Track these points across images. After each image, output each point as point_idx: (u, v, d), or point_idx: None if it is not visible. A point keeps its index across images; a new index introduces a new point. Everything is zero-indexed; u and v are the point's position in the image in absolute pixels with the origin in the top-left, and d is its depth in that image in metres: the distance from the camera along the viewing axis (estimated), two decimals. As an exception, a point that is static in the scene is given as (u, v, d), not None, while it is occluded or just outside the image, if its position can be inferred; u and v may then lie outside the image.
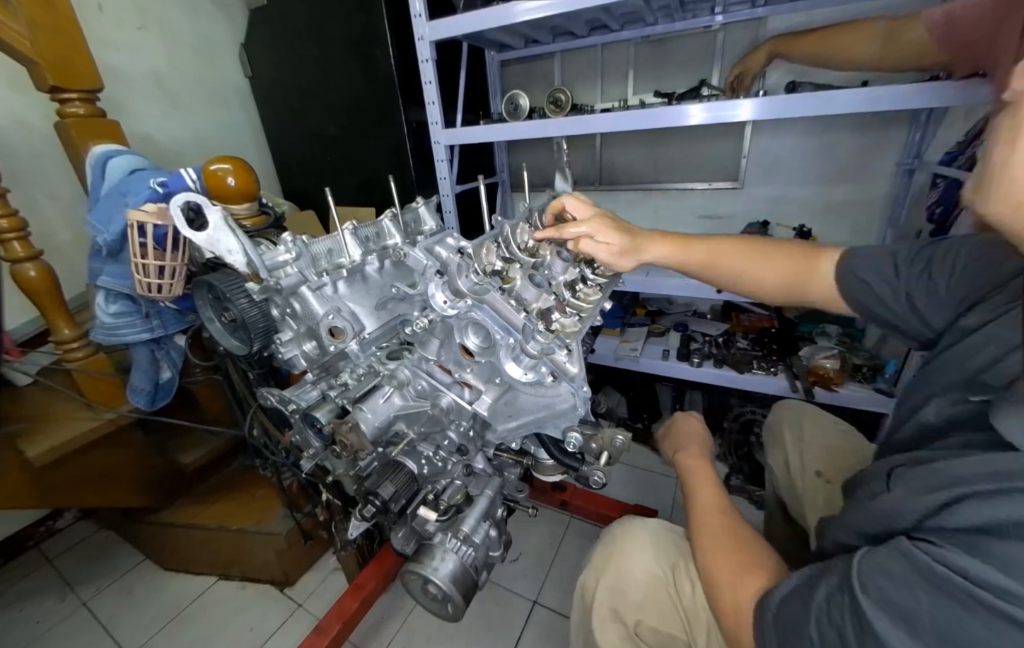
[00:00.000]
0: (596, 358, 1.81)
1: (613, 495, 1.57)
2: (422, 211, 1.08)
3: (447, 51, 1.60)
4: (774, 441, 1.00)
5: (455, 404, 0.72)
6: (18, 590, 1.55)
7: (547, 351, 0.62)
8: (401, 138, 1.76)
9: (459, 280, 0.63)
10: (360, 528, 0.79)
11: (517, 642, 1.24)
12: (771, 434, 1.02)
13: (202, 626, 1.37)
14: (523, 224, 0.78)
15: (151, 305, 1.12)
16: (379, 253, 0.92)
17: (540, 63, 2.11)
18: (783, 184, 1.82)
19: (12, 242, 1.04)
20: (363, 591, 1.24)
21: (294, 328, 0.85)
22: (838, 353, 1.55)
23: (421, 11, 1.46)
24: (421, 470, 0.81)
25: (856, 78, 1.37)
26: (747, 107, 1.24)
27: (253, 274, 0.71)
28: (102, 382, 1.20)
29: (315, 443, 0.86)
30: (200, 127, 1.97)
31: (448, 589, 0.72)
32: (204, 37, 1.95)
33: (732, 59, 1.69)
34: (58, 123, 1.08)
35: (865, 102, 1.14)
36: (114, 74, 1.44)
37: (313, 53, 1.83)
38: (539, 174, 1.91)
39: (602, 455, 0.68)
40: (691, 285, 1.51)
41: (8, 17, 0.95)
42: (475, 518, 0.76)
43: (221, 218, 0.66)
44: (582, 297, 0.75)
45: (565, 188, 0.94)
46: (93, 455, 1.20)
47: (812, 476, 0.87)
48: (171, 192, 0.94)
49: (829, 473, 0.86)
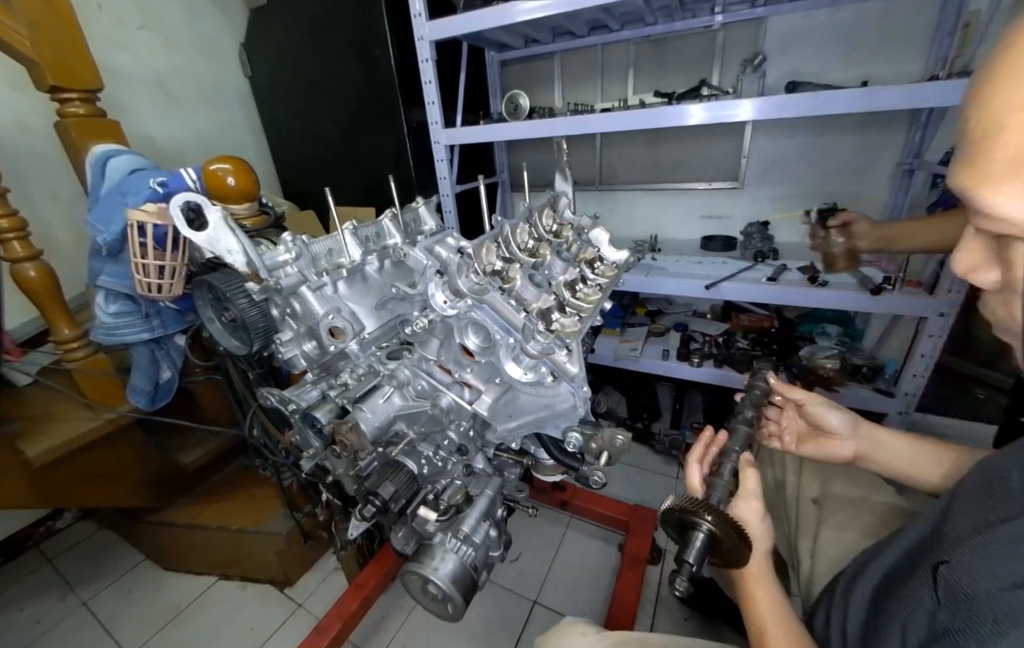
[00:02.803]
0: (596, 358, 1.82)
1: (613, 495, 1.57)
2: (422, 211, 1.08)
3: (447, 51, 1.60)
4: (766, 455, 0.93)
5: (455, 404, 0.72)
6: (18, 590, 1.55)
7: (547, 351, 0.62)
8: (401, 138, 1.76)
9: (459, 280, 0.63)
10: (360, 528, 0.79)
11: (517, 642, 1.24)
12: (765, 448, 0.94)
13: (202, 626, 1.37)
14: (523, 224, 0.78)
15: (151, 305, 1.12)
16: (379, 253, 0.92)
17: (540, 63, 2.11)
18: (783, 184, 1.82)
19: (12, 242, 1.04)
20: (363, 591, 1.24)
21: (294, 328, 0.85)
22: (838, 353, 1.55)
23: (421, 11, 1.46)
24: (421, 470, 0.81)
25: (856, 78, 1.37)
26: (747, 107, 1.24)
27: (253, 274, 0.71)
28: (102, 382, 1.20)
29: (315, 443, 0.86)
30: (200, 127, 1.97)
31: (448, 589, 0.72)
32: (204, 37, 1.95)
33: (732, 59, 1.70)
34: (58, 123, 1.08)
35: (865, 102, 1.14)
36: (114, 74, 1.44)
37: (313, 53, 1.83)
38: (539, 174, 1.91)
39: (602, 455, 0.68)
40: (691, 285, 1.51)
41: (8, 17, 0.95)
42: (475, 518, 0.76)
43: (221, 218, 0.66)
44: (582, 297, 0.75)
45: (565, 188, 0.94)
46: (93, 455, 1.20)
47: (808, 503, 0.82)
48: (171, 192, 0.94)
49: (825, 503, 0.80)
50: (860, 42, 1.52)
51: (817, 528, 0.78)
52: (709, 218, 2.01)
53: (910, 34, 1.45)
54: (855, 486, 0.80)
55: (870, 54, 1.51)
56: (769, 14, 1.60)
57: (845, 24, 1.52)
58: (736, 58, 1.65)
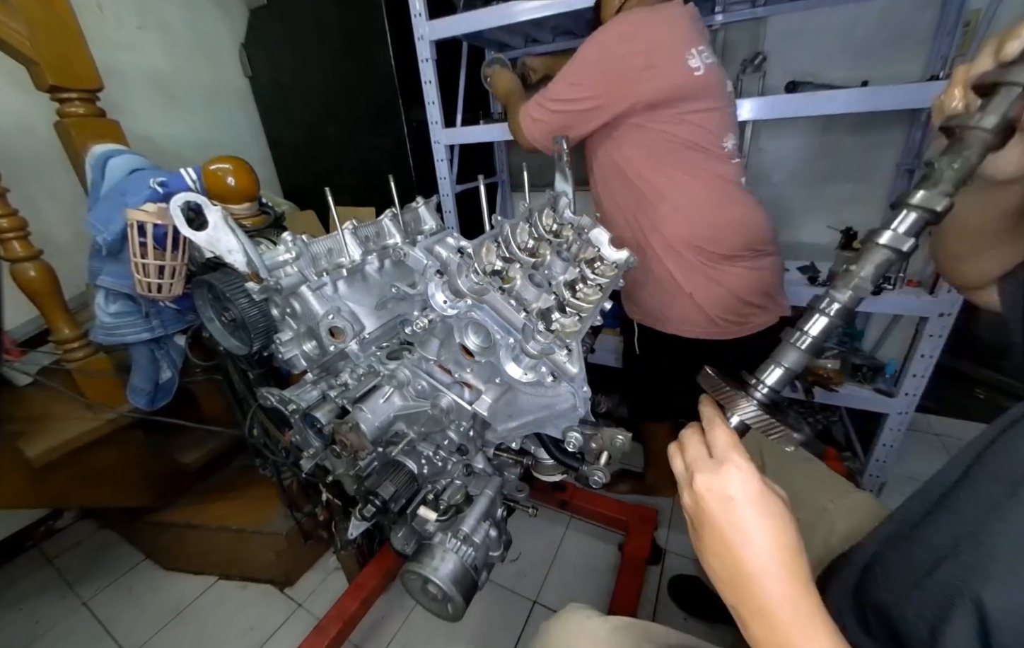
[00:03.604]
0: (596, 358, 1.82)
1: (613, 495, 1.57)
2: (422, 211, 1.08)
3: (447, 51, 1.60)
4: None
5: (455, 404, 0.72)
6: (18, 590, 1.55)
7: (547, 351, 0.62)
8: (401, 138, 1.76)
9: (459, 280, 0.63)
10: (360, 528, 0.79)
11: (517, 642, 1.24)
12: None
13: (202, 626, 1.37)
14: (523, 224, 0.78)
15: (151, 305, 1.12)
16: (379, 253, 0.92)
17: (540, 63, 2.10)
18: (783, 184, 1.82)
19: (12, 242, 1.04)
20: (363, 591, 1.24)
21: (294, 328, 0.85)
22: (838, 353, 1.55)
23: (421, 11, 1.46)
24: (421, 470, 0.81)
25: (856, 78, 1.37)
26: (747, 107, 1.24)
27: (253, 274, 0.71)
28: (102, 382, 1.20)
29: (315, 443, 0.86)
30: (200, 127, 1.97)
31: (448, 589, 0.72)
32: (204, 37, 1.95)
33: (732, 59, 1.70)
34: (58, 123, 1.08)
35: (865, 102, 1.14)
36: (114, 74, 1.44)
37: (313, 53, 1.82)
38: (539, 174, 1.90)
39: (602, 455, 0.68)
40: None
41: (8, 17, 0.95)
42: (475, 518, 0.76)
43: (221, 218, 0.66)
44: (582, 297, 0.75)
45: (565, 188, 0.94)
46: (93, 455, 1.20)
47: None
48: (171, 192, 0.94)
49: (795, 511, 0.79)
50: (860, 42, 1.52)
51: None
52: (709, 218, 2.01)
53: (910, 34, 1.45)
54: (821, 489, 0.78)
55: (870, 54, 1.51)
56: (769, 14, 1.60)
57: (845, 24, 1.52)
58: (736, 58, 1.65)
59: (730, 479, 0.39)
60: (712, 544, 0.40)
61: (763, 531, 0.38)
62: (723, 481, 0.39)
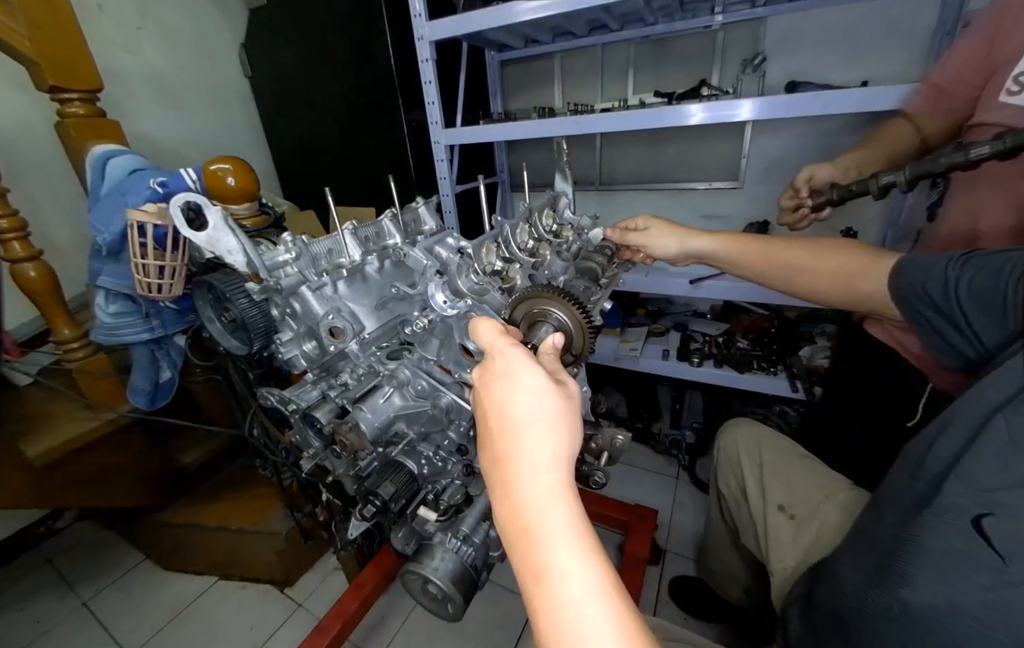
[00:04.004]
0: (596, 358, 1.82)
1: (613, 495, 1.57)
2: (422, 211, 1.08)
3: (447, 51, 1.60)
4: (727, 464, 0.93)
5: (455, 404, 0.72)
6: (18, 590, 1.55)
7: (547, 351, 0.62)
8: (401, 138, 1.76)
9: (459, 280, 0.63)
10: (360, 528, 0.79)
11: (517, 642, 1.24)
12: (724, 455, 0.94)
13: (202, 626, 1.37)
14: (523, 224, 0.78)
15: (151, 305, 1.12)
16: (379, 253, 0.92)
17: (540, 63, 2.11)
18: (783, 184, 1.81)
19: (12, 242, 1.04)
20: (363, 591, 1.24)
21: (294, 328, 0.85)
22: (838, 353, 1.54)
23: (421, 11, 1.46)
24: (421, 470, 0.81)
25: (856, 78, 1.37)
26: (747, 107, 1.24)
27: (253, 274, 0.71)
28: (102, 382, 1.20)
29: (315, 443, 0.86)
30: (200, 127, 1.97)
31: (448, 589, 0.72)
32: (204, 37, 1.95)
33: (732, 59, 1.70)
34: (58, 123, 1.08)
35: (865, 102, 1.14)
36: (114, 74, 1.44)
37: (313, 53, 1.83)
38: (539, 174, 1.91)
39: (602, 455, 0.68)
40: (690, 285, 1.51)
41: (8, 17, 0.95)
42: (475, 518, 0.76)
43: (221, 218, 0.66)
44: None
45: (565, 188, 0.94)
46: (93, 455, 1.20)
47: (775, 510, 0.81)
48: (171, 192, 0.94)
49: (793, 508, 0.80)
50: (860, 42, 1.52)
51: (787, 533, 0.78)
52: (709, 218, 2.01)
53: (910, 33, 1.45)
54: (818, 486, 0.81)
55: (870, 54, 1.51)
56: (769, 14, 1.60)
57: (845, 24, 1.52)
58: (736, 58, 1.65)
59: (505, 357, 0.38)
60: (480, 417, 0.40)
61: (528, 411, 0.36)
62: (499, 364, 0.38)
